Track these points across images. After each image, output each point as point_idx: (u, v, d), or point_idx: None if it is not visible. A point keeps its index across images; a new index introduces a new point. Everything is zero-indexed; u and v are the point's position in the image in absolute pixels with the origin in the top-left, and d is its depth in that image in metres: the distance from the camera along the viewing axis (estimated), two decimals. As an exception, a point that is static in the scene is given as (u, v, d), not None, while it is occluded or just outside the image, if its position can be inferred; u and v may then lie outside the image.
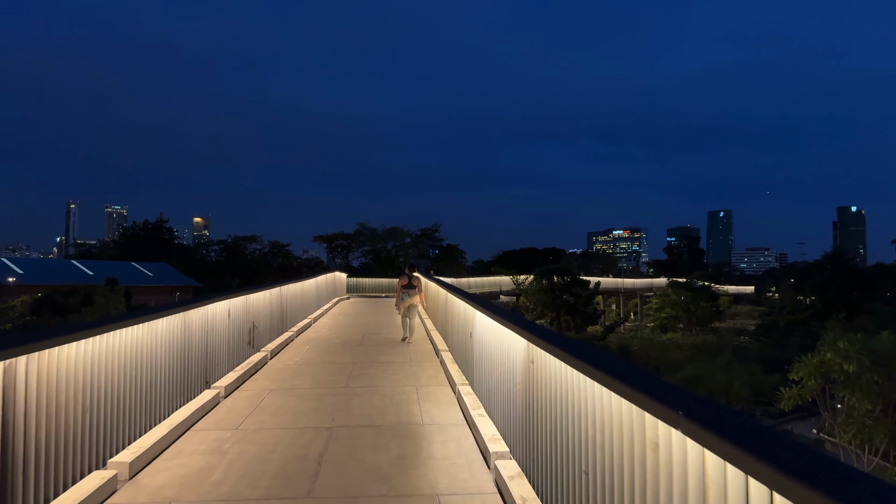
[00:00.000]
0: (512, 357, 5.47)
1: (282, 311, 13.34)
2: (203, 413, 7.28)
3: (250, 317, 10.52)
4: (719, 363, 33.38)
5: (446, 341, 11.50)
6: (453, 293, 10.37)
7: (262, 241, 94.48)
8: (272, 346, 11.63)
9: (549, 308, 45.15)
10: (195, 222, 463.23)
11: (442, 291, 12.78)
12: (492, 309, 6.52)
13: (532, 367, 4.71)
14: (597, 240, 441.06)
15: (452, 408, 7.55)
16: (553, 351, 4.04)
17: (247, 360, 9.94)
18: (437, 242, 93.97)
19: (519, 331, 5.02)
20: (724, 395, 29.17)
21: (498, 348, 6.14)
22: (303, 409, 7.54)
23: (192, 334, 7.58)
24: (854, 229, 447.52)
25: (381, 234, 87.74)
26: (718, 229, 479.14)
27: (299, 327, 14.77)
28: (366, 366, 10.41)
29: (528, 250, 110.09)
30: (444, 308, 12.05)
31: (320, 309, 19.64)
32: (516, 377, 5.27)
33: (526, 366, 4.89)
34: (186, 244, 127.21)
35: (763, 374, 32.27)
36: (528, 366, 4.85)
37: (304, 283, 16.58)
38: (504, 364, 5.81)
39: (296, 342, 13.19)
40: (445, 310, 11.89)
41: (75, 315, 24.89)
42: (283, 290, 13.56)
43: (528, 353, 4.82)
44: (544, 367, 4.37)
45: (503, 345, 5.86)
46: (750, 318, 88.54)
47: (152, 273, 73.75)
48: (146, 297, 61.49)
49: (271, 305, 12.27)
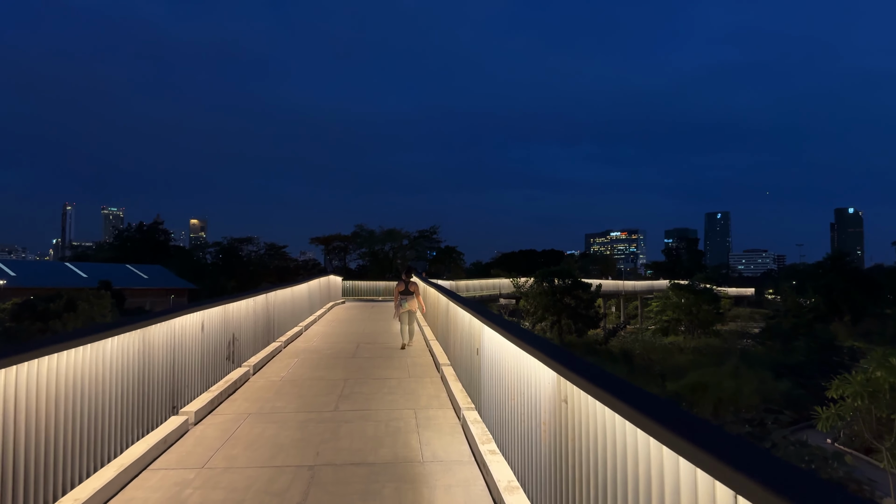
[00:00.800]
0: (534, 388, 4.42)
1: (268, 319, 12.27)
2: (166, 446, 6.22)
3: (230, 328, 9.45)
4: (727, 369, 32.32)
5: (448, 354, 10.44)
6: (456, 302, 9.31)
7: (259, 242, 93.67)
8: (256, 359, 10.56)
9: (550, 311, 44.08)
10: (192, 224, 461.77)
11: (442, 299, 11.72)
12: (506, 327, 5.47)
13: (565, 407, 3.67)
14: (594, 241, 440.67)
15: (457, 438, 6.49)
16: (602, 397, 2.99)
17: (224, 378, 8.87)
18: (436, 244, 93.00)
19: (547, 360, 3.97)
20: (733, 403, 28.13)
21: (513, 373, 5.10)
22: (284, 439, 6.48)
23: (153, 354, 6.51)
24: (852, 231, 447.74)
25: (379, 235, 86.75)
26: (716, 231, 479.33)
27: (289, 336, 13.70)
28: (359, 383, 9.34)
29: (526, 252, 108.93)
30: (446, 317, 10.99)
31: (313, 315, 18.57)
32: (541, 414, 4.22)
33: (556, 404, 3.85)
34: (182, 246, 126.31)
35: (772, 380, 31.23)
36: (558, 405, 3.81)
37: (294, 288, 15.51)
38: (523, 394, 4.76)
39: (283, 354, 12.12)
40: (447, 319, 10.83)
41: (57, 321, 23.80)
42: (270, 296, 12.49)
43: (560, 389, 3.78)
44: (585, 411, 3.33)
45: (521, 370, 4.82)
46: (751, 320, 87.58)
47: (147, 275, 72.88)
48: (141, 299, 60.59)
49: (256, 314, 11.20)
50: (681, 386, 30.18)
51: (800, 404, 27.79)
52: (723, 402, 28.26)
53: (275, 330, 12.90)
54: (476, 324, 7.23)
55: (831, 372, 43.69)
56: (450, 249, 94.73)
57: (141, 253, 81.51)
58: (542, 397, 4.18)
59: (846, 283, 66.71)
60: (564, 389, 3.69)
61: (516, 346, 4.89)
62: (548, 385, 4.04)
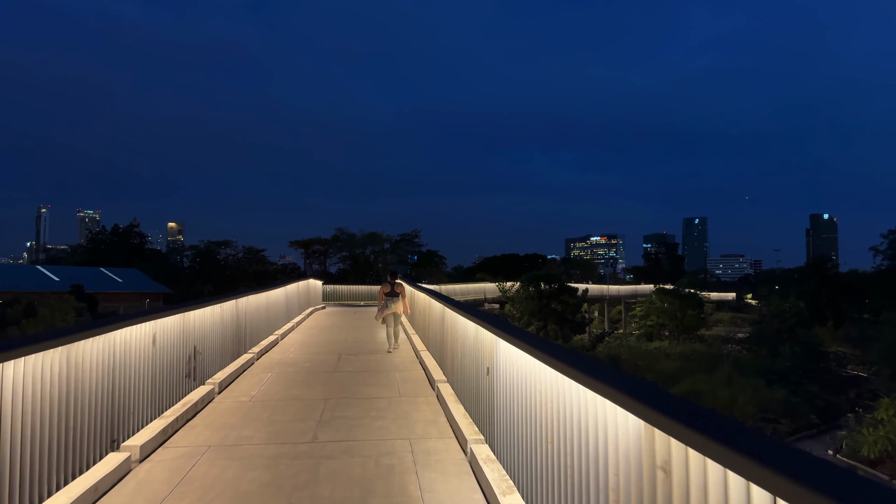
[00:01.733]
0: (591, 433, 3.17)
1: (239, 328, 10.88)
2: (96, 496, 4.86)
3: (191, 340, 8.08)
4: (720, 377, 31.41)
5: (444, 369, 9.15)
6: (455, 309, 8.04)
7: (237, 246, 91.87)
8: (223, 375, 9.19)
9: (536, 317, 42.98)
10: (170, 227, 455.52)
11: (436, 305, 10.43)
12: (536, 342, 4.21)
13: (664, 479, 2.43)
14: (574, 246, 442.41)
15: (466, 483, 5.20)
16: (757, 475, 1.75)
17: (183, 401, 7.49)
18: (417, 248, 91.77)
19: (624, 399, 2.73)
20: (728, 413, 27.15)
21: (550, 404, 3.85)
22: (248, 484, 5.14)
23: (83, 376, 5.15)
24: (826, 236, 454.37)
25: (360, 239, 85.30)
26: (694, 236, 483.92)
27: (263, 347, 12.31)
28: (342, 404, 8.01)
29: (509, 256, 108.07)
30: (441, 326, 9.70)
31: (290, 322, 17.16)
32: (607, 475, 2.97)
33: (642, 468, 2.61)
34: (158, 250, 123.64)
35: (766, 388, 30.34)
36: (647, 471, 2.57)
37: (269, 293, 14.11)
38: (568, 438, 3.52)
39: (256, 367, 10.74)
40: (442, 328, 9.55)
41: (14, 328, 22.08)
42: (242, 303, 11.10)
43: (651, 446, 2.54)
44: (710, 494, 2.10)
45: (565, 403, 3.58)
46: (733, 325, 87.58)
47: (122, 279, 70.95)
48: (115, 304, 58.89)
49: (224, 323, 9.82)
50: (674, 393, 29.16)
51: (797, 413, 26.93)
52: (717, 412, 27.27)
53: (246, 340, 11.52)
54: (486, 336, 5.97)
55: (819, 378, 43.29)
56: (431, 253, 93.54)
57: (116, 256, 79.80)
58: (612, 451, 2.93)
59: (830, 288, 66.57)
60: (662, 450, 2.45)
61: (557, 370, 3.65)
62: (624, 436, 2.80)
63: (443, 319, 9.44)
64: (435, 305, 10.55)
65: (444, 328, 9.35)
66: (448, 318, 8.87)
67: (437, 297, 10.40)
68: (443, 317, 9.44)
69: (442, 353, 9.46)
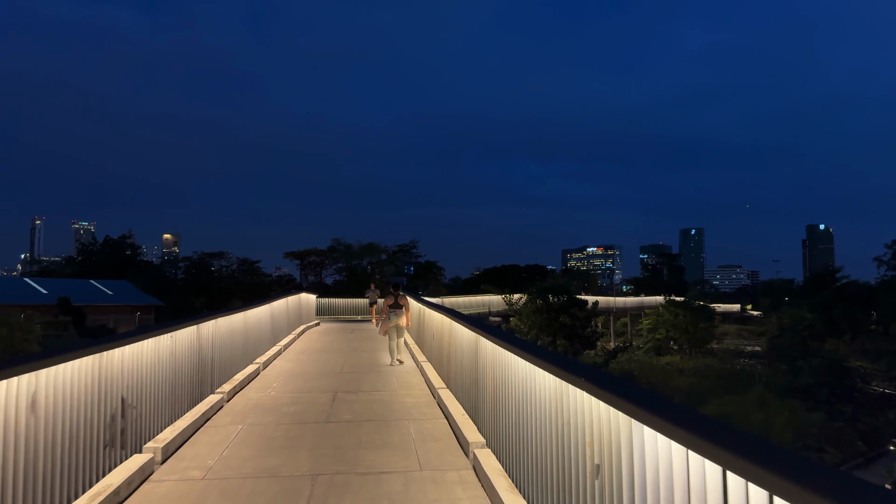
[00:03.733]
0: None
1: (201, 363, 8.30)
2: None
3: (117, 389, 5.50)
4: (752, 397, 28.82)
5: (479, 425, 6.57)
6: (504, 344, 5.46)
7: (231, 257, 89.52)
8: (171, 433, 6.58)
9: (545, 331, 40.41)
10: (165, 239, 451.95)
11: (462, 331, 7.82)
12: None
13: None
14: (571, 257, 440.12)
15: None
16: None
17: (95, 489, 4.91)
18: (415, 259, 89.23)
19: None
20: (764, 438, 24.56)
21: None
22: None
23: None
24: (823, 247, 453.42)
25: (357, 250, 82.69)
26: (690, 247, 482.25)
27: (238, 382, 9.74)
28: (337, 487, 5.41)
29: (510, 267, 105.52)
30: (473, 362, 7.11)
31: (277, 346, 14.57)
32: None
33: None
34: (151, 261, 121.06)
35: (803, 410, 27.74)
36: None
37: (249, 313, 11.50)
38: None
39: (223, 415, 8.15)
40: (475, 366, 6.97)
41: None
42: (206, 328, 8.52)
43: None
44: None
45: None
46: (739, 337, 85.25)
47: (112, 291, 68.84)
48: (105, 316, 56.65)
49: (177, 359, 7.24)
50: (702, 418, 26.56)
51: (840, 439, 24.35)
52: (752, 438, 24.67)
53: (214, 376, 8.93)
54: (580, 402, 3.43)
55: (847, 396, 40.77)
56: (430, 264, 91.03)
57: (107, 268, 78.19)
58: None
59: (845, 299, 64.17)
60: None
61: None
62: None
63: (475, 354, 6.87)
64: (460, 332, 7.96)
65: (476, 366, 6.80)
66: (484, 353, 6.32)
67: (460, 319, 7.83)
68: (475, 350, 6.87)
69: (475, 400, 6.87)
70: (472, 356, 7.12)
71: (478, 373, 6.73)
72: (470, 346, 7.21)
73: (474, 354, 6.95)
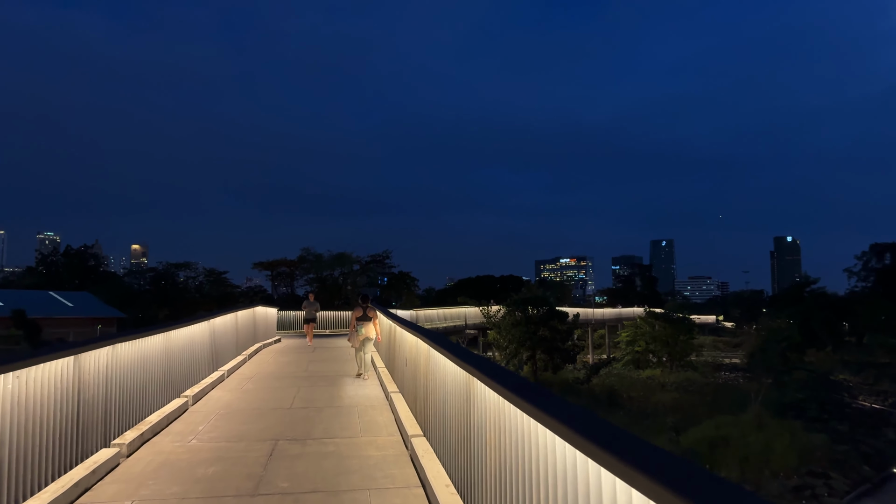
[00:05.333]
0: None
1: (81, 408, 5.91)
2: None
3: None
4: (748, 418, 27.00)
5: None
6: (518, 399, 3.27)
7: (197, 268, 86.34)
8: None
9: (525, 345, 38.32)
10: (133, 249, 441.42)
11: (453, 370, 5.53)
12: None
13: None
14: (545, 268, 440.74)
15: None
16: None
17: None
18: (388, 270, 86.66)
19: None
20: (765, 464, 22.75)
21: None
22: None
23: None
24: (790, 258, 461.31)
25: (327, 260, 79.75)
26: (661, 258, 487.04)
27: (152, 425, 7.36)
28: None
29: (484, 278, 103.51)
30: (464, 412, 4.84)
31: (219, 371, 12.15)
32: None
33: None
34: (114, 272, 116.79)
35: (803, 431, 25.97)
36: None
37: (172, 333, 9.08)
38: None
39: (106, 485, 5.73)
40: (466, 418, 4.73)
41: None
42: (90, 359, 6.15)
43: None
44: None
45: None
46: (715, 349, 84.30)
47: (72, 303, 65.87)
48: (63, 329, 53.88)
49: (23, 410, 4.89)
50: (697, 440, 24.66)
51: (845, 463, 22.59)
52: (750, 464, 22.83)
53: (108, 424, 6.54)
54: None
55: (838, 412, 39.34)
56: (403, 275, 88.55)
57: (69, 279, 74.86)
58: None
59: (824, 310, 63.34)
60: None
61: None
62: None
63: (469, 400, 4.64)
64: (444, 365, 5.70)
65: (470, 419, 4.58)
66: (485, 406, 4.12)
67: (445, 349, 5.60)
68: (468, 396, 4.64)
69: (468, 468, 4.63)
70: (462, 402, 4.89)
71: (472, 428, 4.52)
72: (459, 387, 4.98)
73: (466, 401, 4.73)
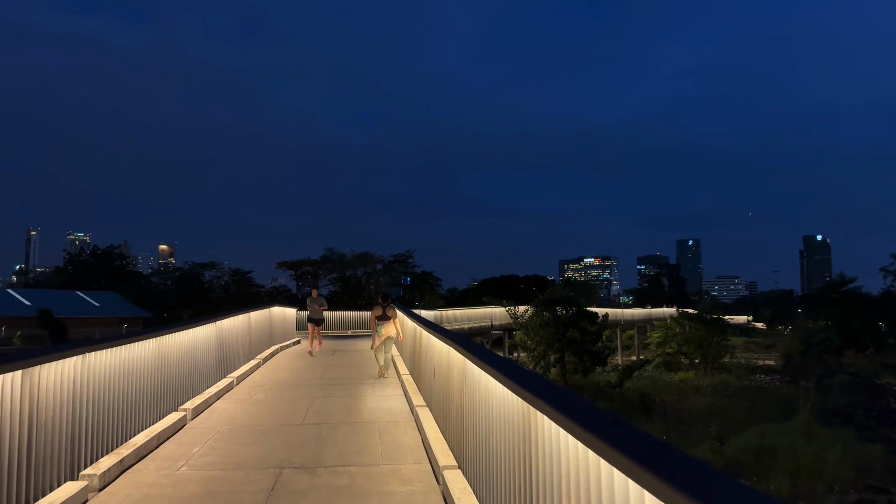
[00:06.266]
0: None
1: (37, 434, 4.78)
2: None
3: None
4: (795, 425, 25.32)
5: None
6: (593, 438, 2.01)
7: (223, 268, 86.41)
8: None
9: (552, 347, 36.88)
10: (161, 250, 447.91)
11: (501, 392, 4.26)
12: None
13: None
14: (568, 267, 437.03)
15: None
16: None
17: None
18: (411, 269, 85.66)
19: None
20: (817, 476, 21.10)
21: None
22: None
23: None
24: (820, 258, 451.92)
25: (351, 259, 79.03)
26: (688, 258, 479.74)
27: (136, 447, 6.22)
28: None
29: (508, 277, 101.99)
30: (520, 453, 3.60)
31: (228, 378, 11.02)
32: None
33: None
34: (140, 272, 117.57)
35: (856, 440, 24.20)
36: None
37: (167, 338, 7.93)
38: None
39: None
40: (523, 461, 3.49)
41: None
42: (47, 373, 5.02)
43: None
44: None
45: None
46: (747, 350, 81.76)
47: (99, 303, 66.34)
48: (90, 329, 54.18)
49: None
50: (740, 448, 23.06)
51: (906, 477, 20.84)
52: (802, 476, 21.19)
53: (80, 451, 5.40)
54: None
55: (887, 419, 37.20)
56: (426, 275, 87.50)
57: (96, 279, 75.46)
58: None
59: (866, 311, 60.74)
60: None
61: None
62: None
63: (526, 438, 3.39)
64: (487, 385, 4.44)
65: (528, 462, 3.33)
66: (552, 450, 2.87)
67: (490, 366, 4.34)
68: (525, 432, 3.38)
69: None
70: (517, 438, 3.62)
71: (533, 475, 3.25)
72: (511, 418, 3.71)
73: (523, 438, 3.46)
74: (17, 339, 49.03)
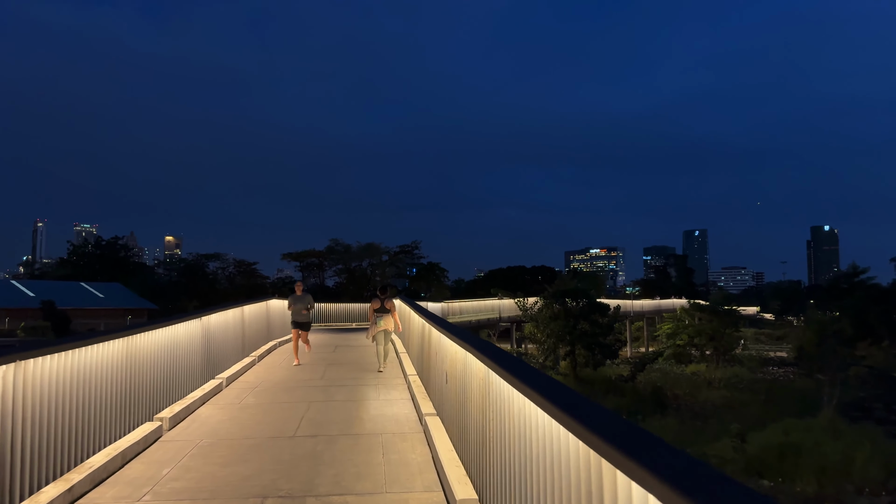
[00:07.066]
0: None
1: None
2: None
3: None
4: (819, 423, 24.22)
5: None
6: None
7: (227, 259, 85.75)
8: None
9: (563, 339, 35.80)
10: (167, 241, 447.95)
11: (539, 417, 3.25)
12: None
13: None
14: (574, 258, 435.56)
15: None
16: None
17: None
18: (417, 261, 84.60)
19: None
20: (845, 476, 20.03)
21: None
22: None
23: None
24: (828, 248, 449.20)
25: (356, 250, 77.88)
26: (694, 248, 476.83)
27: (93, 470, 5.21)
28: None
29: (515, 269, 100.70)
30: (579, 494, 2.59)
31: (217, 379, 10.00)
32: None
33: None
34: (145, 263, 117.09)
35: (884, 438, 23.11)
36: None
37: (136, 337, 6.91)
38: None
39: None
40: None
41: None
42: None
43: None
44: None
45: None
46: (757, 341, 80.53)
47: (103, 294, 65.72)
48: (94, 320, 53.71)
49: None
50: (762, 447, 21.97)
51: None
52: (829, 476, 20.12)
53: (13, 479, 4.38)
54: None
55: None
56: (433, 266, 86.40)
57: (100, 270, 75.06)
58: None
59: (882, 303, 59.46)
60: None
61: None
62: None
63: (591, 490, 2.35)
64: (518, 404, 3.39)
65: None
66: None
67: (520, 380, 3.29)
68: (588, 482, 2.35)
69: None
70: (574, 493, 2.56)
71: None
72: (566, 462, 2.65)
73: (588, 498, 2.41)
74: (21, 331, 48.39)
